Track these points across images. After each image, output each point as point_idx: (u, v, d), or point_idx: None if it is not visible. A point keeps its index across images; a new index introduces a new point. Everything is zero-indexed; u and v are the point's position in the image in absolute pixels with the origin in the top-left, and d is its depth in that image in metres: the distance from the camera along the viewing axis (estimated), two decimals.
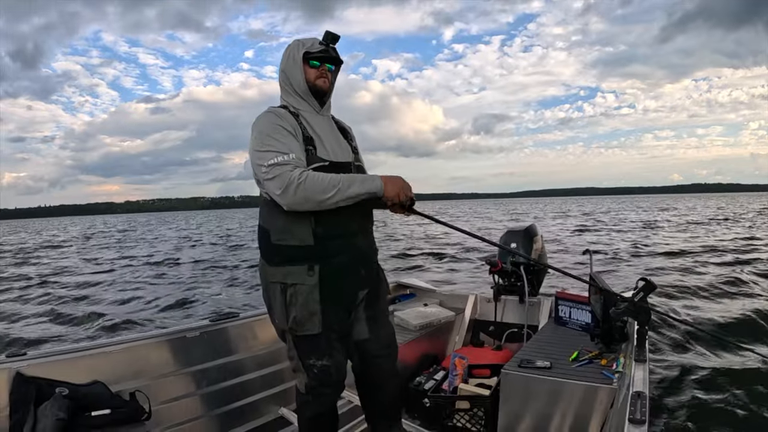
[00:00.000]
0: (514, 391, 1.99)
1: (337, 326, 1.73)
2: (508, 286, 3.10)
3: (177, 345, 2.38)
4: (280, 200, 1.55)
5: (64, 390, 1.85)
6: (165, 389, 2.28)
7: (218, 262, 13.27)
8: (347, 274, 1.72)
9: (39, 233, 43.28)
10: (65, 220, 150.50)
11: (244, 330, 2.67)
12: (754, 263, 8.82)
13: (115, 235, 32.08)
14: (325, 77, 1.75)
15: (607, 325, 2.08)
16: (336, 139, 1.79)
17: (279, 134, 1.60)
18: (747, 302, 5.64)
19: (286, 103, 1.77)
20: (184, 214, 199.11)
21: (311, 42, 1.73)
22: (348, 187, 1.56)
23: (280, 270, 1.67)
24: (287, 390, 2.76)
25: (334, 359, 1.72)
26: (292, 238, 1.64)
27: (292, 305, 1.65)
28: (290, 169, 1.53)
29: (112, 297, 8.44)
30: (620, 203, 72.70)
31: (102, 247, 21.80)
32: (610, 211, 40.71)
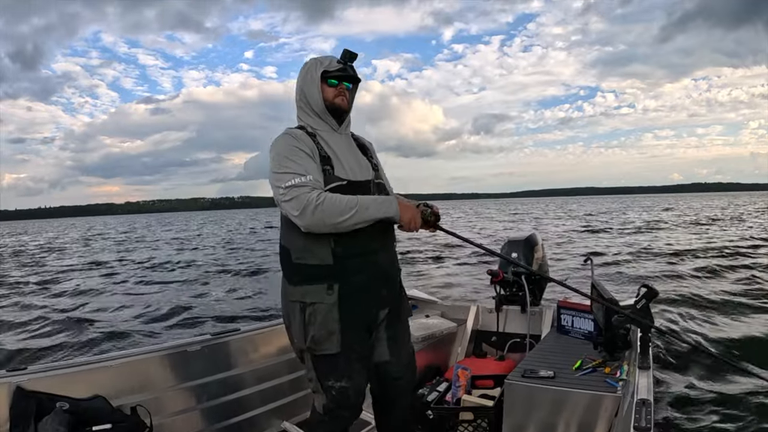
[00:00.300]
0: (518, 401, 1.98)
1: (357, 346, 1.71)
2: (510, 296, 3.09)
3: (178, 359, 2.37)
4: (297, 222, 1.56)
5: (65, 404, 1.84)
6: (166, 404, 2.27)
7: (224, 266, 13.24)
8: (367, 293, 1.70)
9: (39, 233, 42.79)
10: (65, 222, 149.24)
11: (245, 344, 2.66)
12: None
13: (117, 238, 31.97)
14: (343, 95, 1.74)
15: (609, 333, 2.07)
16: (355, 158, 1.79)
17: (296, 156, 1.61)
18: (756, 308, 5.61)
19: (303, 124, 1.77)
20: (184, 215, 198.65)
21: (329, 60, 1.73)
22: (365, 210, 1.56)
23: (299, 289, 1.67)
24: (289, 404, 2.74)
25: (353, 381, 1.70)
26: (311, 257, 1.64)
27: (310, 324, 1.65)
28: (307, 190, 1.54)
29: (113, 305, 8.39)
30: (621, 203, 72.46)
31: (102, 250, 21.70)
32: (611, 211, 40.63)
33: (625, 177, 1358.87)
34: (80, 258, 18.52)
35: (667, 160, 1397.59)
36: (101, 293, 9.85)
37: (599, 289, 2.20)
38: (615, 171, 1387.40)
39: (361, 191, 1.68)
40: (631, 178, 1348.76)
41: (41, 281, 11.90)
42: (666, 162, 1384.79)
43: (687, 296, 6.41)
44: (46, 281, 11.90)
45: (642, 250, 12.62)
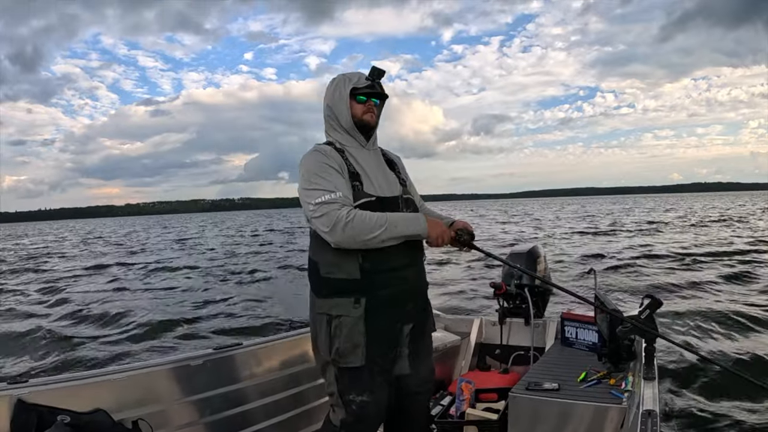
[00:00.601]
0: (523, 414, 1.96)
1: (381, 360, 1.71)
2: (513, 309, 3.08)
3: (180, 373, 2.36)
4: (327, 238, 1.58)
5: (66, 418, 1.83)
6: (168, 418, 2.25)
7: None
8: (394, 307, 1.72)
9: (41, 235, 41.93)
10: (65, 224, 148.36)
11: (248, 358, 2.65)
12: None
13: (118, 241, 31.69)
14: (371, 112, 1.77)
15: (614, 344, 2.06)
16: (383, 174, 1.81)
17: (325, 173, 1.63)
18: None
19: (331, 140, 1.80)
20: (184, 216, 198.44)
21: (357, 77, 1.76)
22: (394, 227, 1.59)
23: (327, 302, 1.69)
24: (292, 418, 2.72)
25: (375, 396, 1.70)
26: (339, 271, 1.66)
27: (336, 336, 1.66)
28: (337, 207, 1.56)
29: (119, 311, 8.33)
30: (621, 203, 72.09)
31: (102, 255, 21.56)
32: (612, 212, 40.47)
33: (625, 177, 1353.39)
34: (83, 261, 18.30)
35: (666, 159, 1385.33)
36: (106, 300, 9.78)
37: (603, 301, 2.19)
38: (615, 171, 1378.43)
39: (390, 207, 1.70)
40: (631, 178, 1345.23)
41: (40, 290, 11.62)
42: (666, 162, 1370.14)
43: (693, 306, 6.36)
44: (46, 289, 11.65)
45: (647, 255, 12.56)
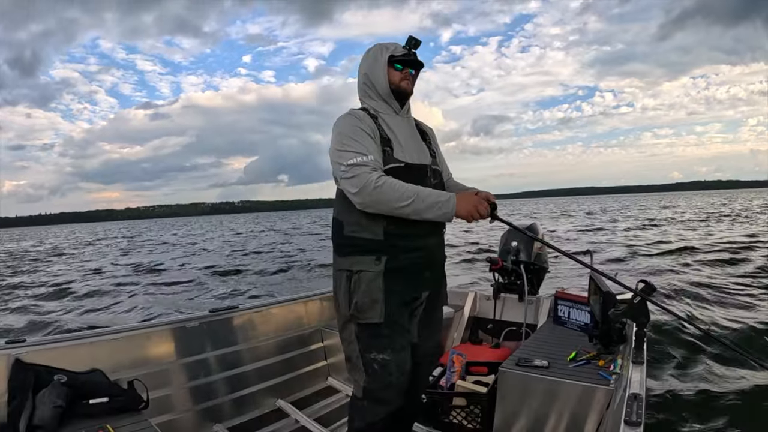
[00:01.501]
0: (511, 389, 1.99)
1: (400, 320, 1.72)
2: (508, 285, 3.10)
3: (176, 335, 2.39)
4: (354, 199, 1.61)
5: (63, 377, 1.86)
6: (163, 379, 2.29)
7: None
8: (412, 272, 1.72)
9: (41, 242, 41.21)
10: (66, 228, 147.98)
11: (243, 322, 2.69)
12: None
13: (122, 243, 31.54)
14: (408, 79, 1.79)
15: (605, 326, 2.07)
16: (414, 141, 1.82)
17: (358, 135, 1.65)
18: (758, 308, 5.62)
19: (366, 106, 1.81)
20: (184, 220, 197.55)
21: (394, 46, 1.78)
22: (421, 202, 1.58)
23: (348, 259, 1.71)
24: (285, 382, 2.78)
25: (396, 355, 1.71)
26: (363, 231, 1.67)
27: (355, 291, 1.67)
28: (368, 170, 1.58)
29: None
30: (621, 202, 72.09)
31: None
32: (609, 210, 40.53)
33: (624, 176, 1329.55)
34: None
35: (666, 158, 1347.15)
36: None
37: (597, 283, 2.20)
38: (614, 170, 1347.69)
39: (418, 174, 1.72)
40: (630, 177, 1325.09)
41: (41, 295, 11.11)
42: (665, 161, 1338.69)
43: (687, 291, 6.43)
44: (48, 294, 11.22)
45: (644, 246, 12.63)
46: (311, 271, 11.86)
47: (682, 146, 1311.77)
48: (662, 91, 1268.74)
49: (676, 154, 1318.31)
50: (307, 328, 3.00)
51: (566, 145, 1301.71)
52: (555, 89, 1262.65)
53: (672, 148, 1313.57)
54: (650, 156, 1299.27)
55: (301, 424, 2.47)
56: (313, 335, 3.01)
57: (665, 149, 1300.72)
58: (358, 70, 1.85)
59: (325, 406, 2.73)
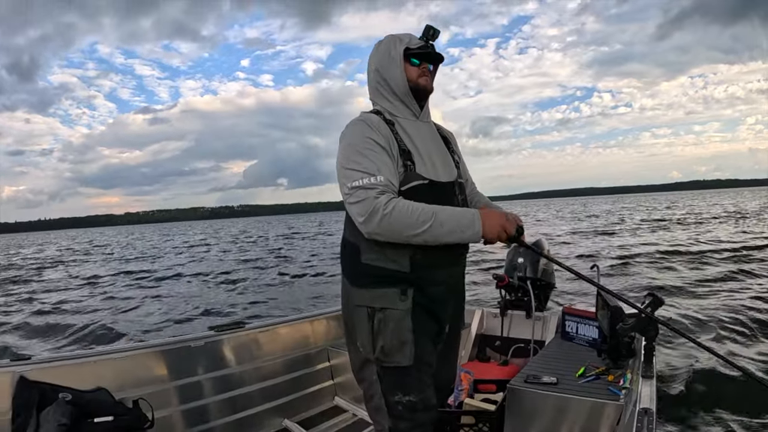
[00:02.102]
0: (520, 406, 1.97)
1: (428, 359, 1.53)
2: (515, 301, 3.07)
3: (181, 354, 2.38)
4: (361, 228, 1.39)
5: (68, 395, 1.85)
6: (168, 398, 2.28)
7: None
8: (440, 304, 1.54)
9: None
10: (64, 233, 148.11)
11: (249, 340, 2.68)
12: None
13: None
14: (426, 75, 1.56)
15: (614, 341, 2.05)
16: (439, 152, 1.59)
17: (369, 150, 1.41)
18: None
19: (380, 108, 1.57)
20: (184, 224, 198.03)
21: (409, 37, 1.55)
22: (439, 227, 1.37)
23: (366, 293, 1.49)
24: (291, 401, 2.75)
25: (423, 395, 1.52)
26: (385, 260, 1.46)
27: (380, 333, 1.45)
28: (375, 195, 1.36)
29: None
30: (619, 203, 71.48)
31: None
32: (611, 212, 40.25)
33: (623, 176, 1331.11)
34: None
35: (665, 158, 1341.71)
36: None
37: (605, 297, 2.18)
38: (614, 171, 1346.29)
39: (444, 192, 1.52)
40: (629, 177, 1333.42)
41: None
42: (664, 160, 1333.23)
43: (696, 304, 6.34)
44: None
45: (654, 252, 12.50)
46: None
47: (681, 146, 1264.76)
48: (660, 91, 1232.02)
49: (675, 153, 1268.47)
50: (314, 348, 2.98)
51: (565, 146, 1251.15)
52: (553, 90, 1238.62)
53: (671, 147, 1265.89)
54: (649, 156, 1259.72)
55: None
56: (319, 354, 2.99)
57: (664, 149, 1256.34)
58: (368, 66, 1.61)
59: (332, 426, 2.69)
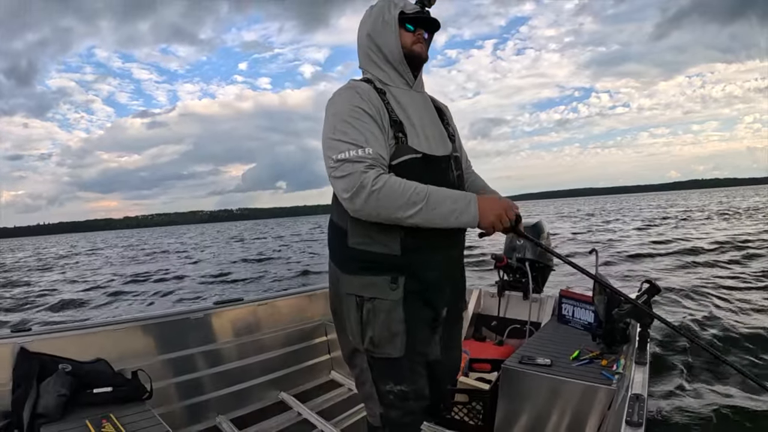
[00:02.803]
0: (514, 386, 1.99)
1: (421, 348, 1.48)
2: (513, 282, 3.09)
3: (180, 326, 2.41)
4: (345, 205, 1.30)
5: (68, 366, 1.87)
6: (167, 369, 2.31)
7: None
8: (435, 291, 1.46)
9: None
10: (63, 238, 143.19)
11: (247, 314, 2.70)
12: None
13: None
14: (421, 42, 1.47)
15: (609, 326, 2.06)
16: (432, 123, 1.50)
17: (357, 120, 1.31)
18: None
19: (370, 76, 1.48)
20: (183, 228, 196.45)
21: (404, 2, 1.46)
22: (431, 210, 1.27)
23: (356, 279, 1.41)
24: (288, 375, 2.79)
25: (415, 385, 1.47)
26: (374, 244, 1.37)
27: (369, 324, 1.39)
28: (363, 169, 1.25)
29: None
30: (619, 203, 71.42)
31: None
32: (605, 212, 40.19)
33: (622, 176, 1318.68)
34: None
35: (663, 158, 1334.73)
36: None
37: (603, 282, 2.19)
38: (612, 171, 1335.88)
39: (438, 167, 1.43)
40: (628, 177, 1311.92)
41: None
42: (663, 160, 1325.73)
43: (694, 292, 6.37)
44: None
45: (653, 243, 12.53)
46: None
47: (679, 145, 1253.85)
48: (658, 90, 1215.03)
49: (674, 153, 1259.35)
50: (311, 322, 3.00)
51: (563, 147, 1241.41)
52: (551, 91, 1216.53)
53: (669, 147, 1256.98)
54: (648, 156, 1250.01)
55: (303, 417, 2.48)
56: (316, 329, 3.02)
57: (662, 149, 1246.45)
58: (359, 32, 1.52)
59: (328, 399, 2.74)
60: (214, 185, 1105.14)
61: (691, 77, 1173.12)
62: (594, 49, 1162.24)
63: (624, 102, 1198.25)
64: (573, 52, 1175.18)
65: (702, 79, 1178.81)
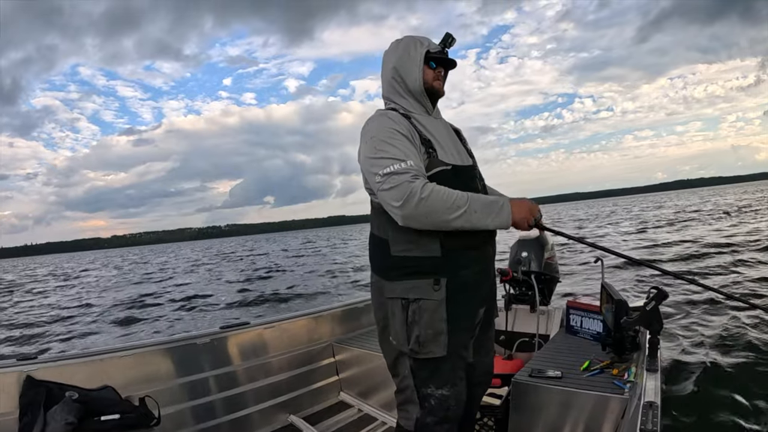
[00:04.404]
0: (525, 400, 1.97)
1: (463, 350, 1.56)
2: (519, 296, 3.07)
3: (187, 351, 2.39)
4: (396, 213, 1.40)
5: (74, 394, 1.87)
6: (174, 395, 2.29)
7: None
8: (474, 289, 1.55)
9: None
10: (51, 259, 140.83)
11: (254, 337, 2.69)
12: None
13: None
14: (440, 80, 1.65)
15: (618, 335, 2.05)
16: (453, 142, 1.64)
17: (395, 139, 1.44)
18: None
19: (394, 105, 1.63)
20: (173, 246, 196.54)
21: (428, 41, 1.62)
22: (473, 213, 1.39)
23: (399, 285, 1.50)
24: (297, 397, 2.77)
25: (456, 389, 1.54)
26: (416, 248, 1.47)
27: (414, 323, 1.47)
28: (409, 178, 1.37)
29: None
30: (606, 207, 71.30)
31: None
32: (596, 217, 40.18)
33: (609, 180, 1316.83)
34: None
35: (649, 159, 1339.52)
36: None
37: (609, 291, 2.18)
38: (599, 174, 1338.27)
39: (467, 177, 1.57)
40: (615, 180, 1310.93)
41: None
42: (649, 162, 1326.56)
43: (701, 299, 6.31)
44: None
45: (655, 246, 12.47)
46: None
47: (664, 146, 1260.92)
48: (641, 93, 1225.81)
49: (659, 154, 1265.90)
50: (319, 343, 2.99)
51: (549, 153, 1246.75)
52: (535, 98, 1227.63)
53: (654, 149, 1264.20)
54: (633, 158, 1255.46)
55: None
56: (324, 350, 3.00)
57: (647, 151, 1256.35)
58: (384, 64, 1.65)
59: (338, 421, 2.70)
60: (202, 202, 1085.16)
61: (673, 79, 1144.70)
62: (576, 54, 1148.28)
63: (608, 106, 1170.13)
64: (555, 58, 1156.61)
65: (684, 81, 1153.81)
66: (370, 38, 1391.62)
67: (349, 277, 13.46)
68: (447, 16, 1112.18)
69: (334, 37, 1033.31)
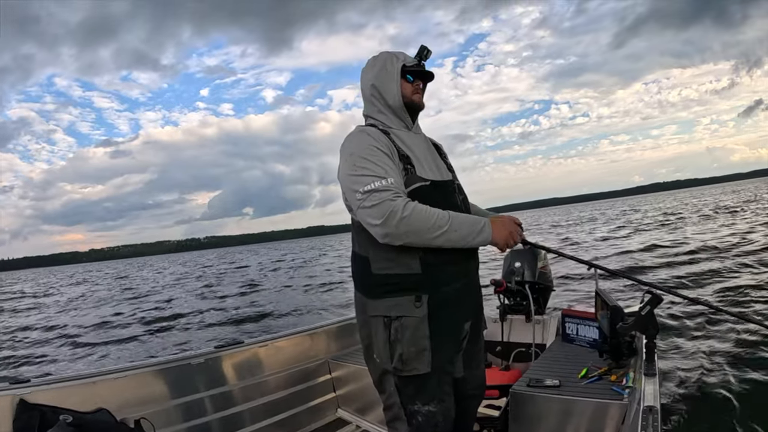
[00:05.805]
0: (524, 411, 1.96)
1: (448, 366, 1.56)
2: (514, 306, 3.08)
3: (182, 372, 2.37)
4: (376, 231, 1.39)
5: (68, 417, 1.83)
6: (170, 417, 2.26)
7: None
8: (456, 305, 1.54)
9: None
10: (29, 273, 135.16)
11: (249, 356, 2.66)
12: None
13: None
14: (419, 93, 1.65)
15: (615, 341, 2.06)
16: (433, 157, 1.65)
17: (374, 156, 1.44)
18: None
19: (374, 122, 1.64)
20: (152, 259, 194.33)
21: (404, 55, 1.63)
22: (454, 232, 1.41)
23: (381, 302, 1.49)
24: (294, 416, 2.74)
25: (443, 405, 1.53)
26: (396, 266, 1.47)
27: (397, 341, 1.46)
28: (391, 196, 1.37)
29: None
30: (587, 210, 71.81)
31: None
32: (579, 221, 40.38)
33: (586, 185, 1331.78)
34: None
35: (626, 163, 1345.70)
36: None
37: (603, 297, 2.19)
38: (576, 179, 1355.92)
39: (446, 192, 1.57)
40: (593, 185, 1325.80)
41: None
42: (625, 166, 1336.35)
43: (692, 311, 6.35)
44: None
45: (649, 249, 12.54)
46: None
47: (640, 150, 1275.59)
48: (616, 98, 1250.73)
49: (635, 158, 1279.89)
50: (315, 361, 2.96)
51: (527, 159, 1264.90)
52: (512, 105, 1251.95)
53: (630, 153, 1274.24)
54: (610, 162, 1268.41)
55: None
56: (320, 367, 2.98)
57: (624, 155, 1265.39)
58: (362, 81, 1.67)
59: None
60: (181, 214, 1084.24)
61: (648, 84, 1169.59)
62: (552, 61, 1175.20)
63: (583, 112, 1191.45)
64: (532, 65, 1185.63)
65: (659, 85, 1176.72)
66: (348, 47, 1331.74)
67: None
68: (425, 24, 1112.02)
69: (312, 46, 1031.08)
